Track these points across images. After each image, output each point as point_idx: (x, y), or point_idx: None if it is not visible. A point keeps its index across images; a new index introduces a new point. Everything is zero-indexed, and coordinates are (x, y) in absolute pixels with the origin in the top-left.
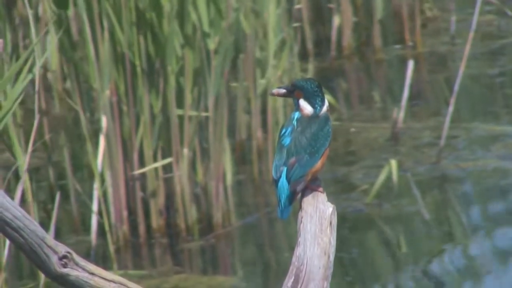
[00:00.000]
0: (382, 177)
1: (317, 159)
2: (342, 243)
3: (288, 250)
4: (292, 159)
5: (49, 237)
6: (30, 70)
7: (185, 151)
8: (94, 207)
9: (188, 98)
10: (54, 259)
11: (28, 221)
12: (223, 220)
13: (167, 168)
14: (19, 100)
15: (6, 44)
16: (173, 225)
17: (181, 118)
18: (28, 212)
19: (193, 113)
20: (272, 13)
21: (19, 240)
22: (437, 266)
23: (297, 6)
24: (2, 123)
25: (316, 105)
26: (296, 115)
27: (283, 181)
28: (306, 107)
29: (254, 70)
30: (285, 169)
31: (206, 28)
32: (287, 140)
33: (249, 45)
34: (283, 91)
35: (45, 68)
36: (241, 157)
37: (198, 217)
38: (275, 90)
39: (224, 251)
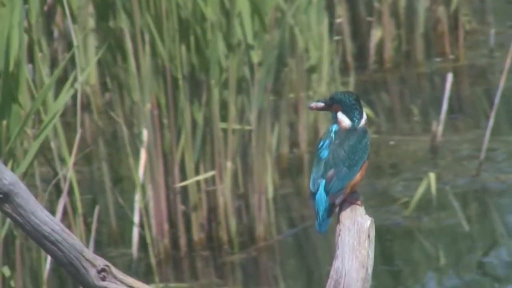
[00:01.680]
0: (420, 190)
1: (356, 172)
2: (381, 256)
3: (329, 263)
4: (331, 172)
5: (88, 251)
6: (72, 84)
7: (229, 164)
8: (136, 219)
9: (232, 111)
10: (93, 272)
11: (66, 235)
12: (265, 233)
13: (209, 182)
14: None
15: (45, 59)
16: (215, 238)
17: (224, 131)
18: (68, 225)
19: (237, 126)
20: (315, 27)
21: (58, 253)
22: (479, 279)
23: (338, 20)
24: (42, 136)
25: (354, 118)
26: (334, 127)
27: (321, 194)
28: (344, 120)
29: (300, 83)
30: (323, 181)
31: (250, 40)
32: (325, 153)
33: (298, 58)
34: (321, 104)
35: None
36: (285, 171)
37: (240, 230)
38: (313, 104)
39: (266, 264)
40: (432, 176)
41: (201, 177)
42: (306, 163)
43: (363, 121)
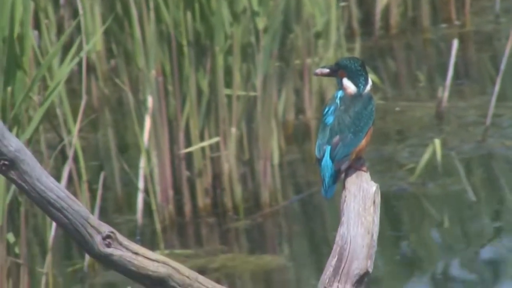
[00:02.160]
0: (426, 156)
1: (361, 138)
2: (386, 222)
3: (334, 229)
4: (336, 138)
5: (93, 217)
6: (78, 51)
7: (233, 130)
8: (140, 186)
9: (237, 77)
10: (98, 239)
11: (71, 201)
12: (270, 200)
13: (214, 148)
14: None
15: (51, 25)
16: (220, 205)
17: (228, 97)
18: (74, 192)
19: (241, 92)
20: None
21: (63, 220)
22: (485, 246)
23: None
24: (48, 102)
25: (360, 84)
26: (339, 93)
27: (326, 160)
28: (350, 86)
29: (306, 49)
30: (328, 148)
31: (255, 6)
32: (330, 119)
33: (304, 24)
34: (326, 70)
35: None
36: (292, 137)
37: (245, 197)
38: (318, 70)
39: (271, 230)
40: (437, 142)
41: (205, 143)
42: (312, 129)
43: (368, 87)
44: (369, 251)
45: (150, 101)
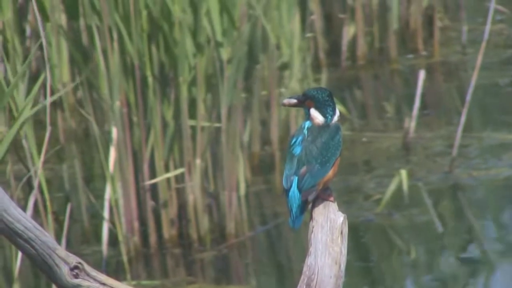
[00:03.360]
0: (392, 187)
1: (329, 169)
2: (354, 253)
3: (301, 260)
4: (303, 169)
5: (60, 248)
6: (43, 83)
7: (198, 161)
8: (106, 217)
9: (201, 108)
10: (66, 269)
11: (39, 232)
12: (236, 230)
13: (179, 179)
14: (32, 111)
15: (18, 56)
16: (185, 236)
17: (193, 128)
18: (40, 223)
19: (206, 123)
20: (287, 24)
21: (31, 251)
22: (451, 275)
23: (311, 17)
24: (12, 133)
25: (327, 115)
26: (307, 124)
27: (294, 191)
28: (317, 117)
29: (273, 80)
30: (296, 178)
31: (219, 37)
32: (297, 150)
33: (270, 55)
34: (294, 101)
35: (57, 79)
36: (257, 168)
37: (211, 227)
38: (286, 100)
39: (237, 261)
40: (403, 173)
41: (170, 174)
42: (278, 160)
43: (336, 118)
44: (336, 281)
45: (114, 132)
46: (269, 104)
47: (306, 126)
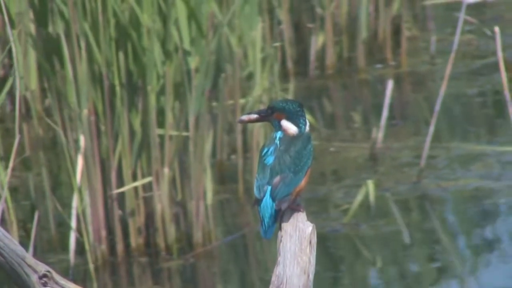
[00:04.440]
0: (359, 197)
1: (301, 178)
2: (321, 262)
3: (269, 270)
4: (277, 178)
5: (29, 256)
6: (11, 90)
7: (166, 170)
8: (73, 225)
9: (169, 117)
10: (34, 278)
11: (8, 240)
12: (204, 239)
13: (147, 188)
14: None
15: None
16: (153, 244)
17: (161, 137)
18: (8, 231)
19: (174, 132)
20: (254, 32)
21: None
22: (417, 285)
23: (280, 26)
24: None
25: (301, 125)
26: (279, 134)
27: (267, 200)
28: (291, 127)
29: (239, 89)
30: (269, 188)
31: (187, 46)
32: (270, 159)
33: (235, 64)
34: (254, 116)
35: (24, 87)
36: (223, 177)
37: (178, 236)
38: (245, 117)
39: (204, 271)
40: (370, 183)
41: (138, 183)
42: (241, 169)
43: (307, 127)
44: None
45: (82, 140)
46: (235, 113)
47: (278, 137)
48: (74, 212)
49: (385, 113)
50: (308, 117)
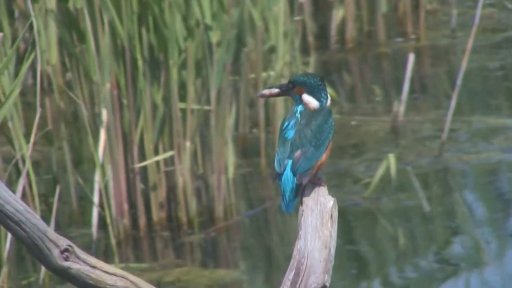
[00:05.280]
0: (380, 171)
1: (323, 152)
2: (343, 236)
3: (290, 244)
4: (298, 152)
5: (51, 231)
6: (32, 64)
7: (187, 144)
8: (95, 200)
9: (191, 91)
10: (56, 252)
11: (29, 215)
12: (225, 214)
13: (168, 162)
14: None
15: (6, 38)
16: (174, 218)
17: (183, 111)
18: (29, 205)
19: (195, 106)
20: (276, 7)
21: (21, 233)
22: (441, 260)
23: (299, 0)
24: (1, 115)
25: (322, 99)
26: (299, 108)
27: (287, 174)
28: (312, 101)
29: (261, 63)
30: (289, 162)
31: (208, 21)
32: (290, 133)
33: (257, 38)
34: (276, 90)
35: (45, 61)
36: (245, 151)
37: (200, 210)
38: (266, 91)
39: (226, 245)
40: (391, 157)
41: (160, 157)
42: (264, 143)
43: (328, 102)
44: (326, 265)
45: (104, 114)
46: (256, 87)
47: (298, 110)
48: (96, 187)
49: (406, 86)
50: (329, 91)
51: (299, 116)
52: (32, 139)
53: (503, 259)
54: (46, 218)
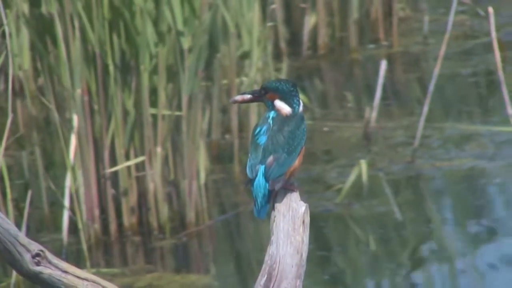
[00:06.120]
0: (352, 177)
1: (295, 158)
2: (314, 242)
3: (262, 249)
4: (270, 158)
5: (22, 236)
6: (4, 69)
7: (158, 149)
8: (66, 205)
9: (162, 96)
10: (27, 257)
11: (1, 220)
12: (196, 219)
13: (140, 167)
14: None
15: None
16: (145, 224)
17: (154, 117)
18: (1, 210)
19: (167, 112)
20: (247, 13)
21: None
22: (412, 266)
23: (272, 6)
24: None
25: (294, 105)
26: (272, 114)
27: (259, 180)
28: (284, 107)
29: (234, 69)
30: (262, 167)
31: (180, 26)
32: (262, 139)
33: (230, 44)
34: (248, 96)
35: (17, 66)
36: (217, 157)
37: (171, 216)
38: (238, 97)
39: (197, 250)
40: (363, 163)
41: (131, 162)
42: (237, 149)
43: (301, 108)
44: (298, 270)
45: (75, 119)
46: (229, 93)
47: (271, 116)
48: (67, 191)
49: (378, 93)
50: (301, 97)
51: (271, 122)
52: (3, 144)
53: (474, 264)
54: (17, 223)
